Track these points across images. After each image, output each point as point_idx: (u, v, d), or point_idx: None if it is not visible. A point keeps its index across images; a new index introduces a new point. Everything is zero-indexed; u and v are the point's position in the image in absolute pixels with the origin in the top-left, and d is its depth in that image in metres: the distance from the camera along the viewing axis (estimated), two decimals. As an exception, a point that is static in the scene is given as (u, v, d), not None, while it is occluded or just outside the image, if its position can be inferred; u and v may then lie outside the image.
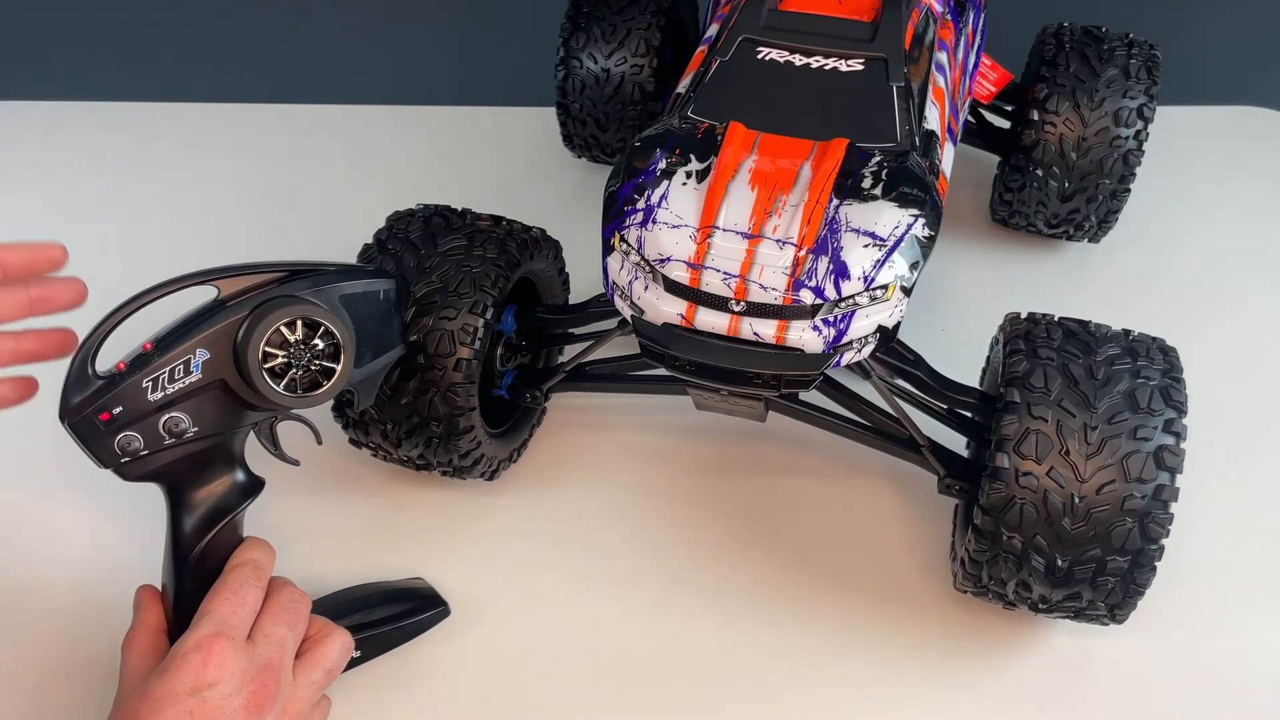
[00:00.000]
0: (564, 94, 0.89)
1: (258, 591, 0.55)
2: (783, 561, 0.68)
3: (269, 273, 0.55)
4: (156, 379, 0.51)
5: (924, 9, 0.68)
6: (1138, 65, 0.80)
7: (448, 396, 0.62)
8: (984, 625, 0.65)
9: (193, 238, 0.93)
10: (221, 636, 0.51)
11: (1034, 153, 0.81)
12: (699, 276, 0.57)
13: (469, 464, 0.67)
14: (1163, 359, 0.58)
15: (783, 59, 0.64)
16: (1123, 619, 0.58)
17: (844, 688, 0.62)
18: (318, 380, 0.55)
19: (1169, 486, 0.54)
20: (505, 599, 0.66)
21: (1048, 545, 0.55)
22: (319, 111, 1.08)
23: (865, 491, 0.72)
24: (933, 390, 0.65)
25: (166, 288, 0.52)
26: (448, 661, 0.63)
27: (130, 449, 0.52)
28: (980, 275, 0.88)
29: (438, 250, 0.64)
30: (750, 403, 0.64)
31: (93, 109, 1.08)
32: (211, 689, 0.50)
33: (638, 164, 0.61)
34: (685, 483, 0.73)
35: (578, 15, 0.88)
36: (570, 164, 0.99)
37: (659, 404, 0.76)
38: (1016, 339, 0.60)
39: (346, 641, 0.57)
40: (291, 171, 1.01)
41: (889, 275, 0.56)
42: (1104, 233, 0.86)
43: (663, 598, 0.67)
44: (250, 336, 0.52)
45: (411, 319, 0.62)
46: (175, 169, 1.01)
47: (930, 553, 0.69)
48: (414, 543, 0.70)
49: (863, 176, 0.58)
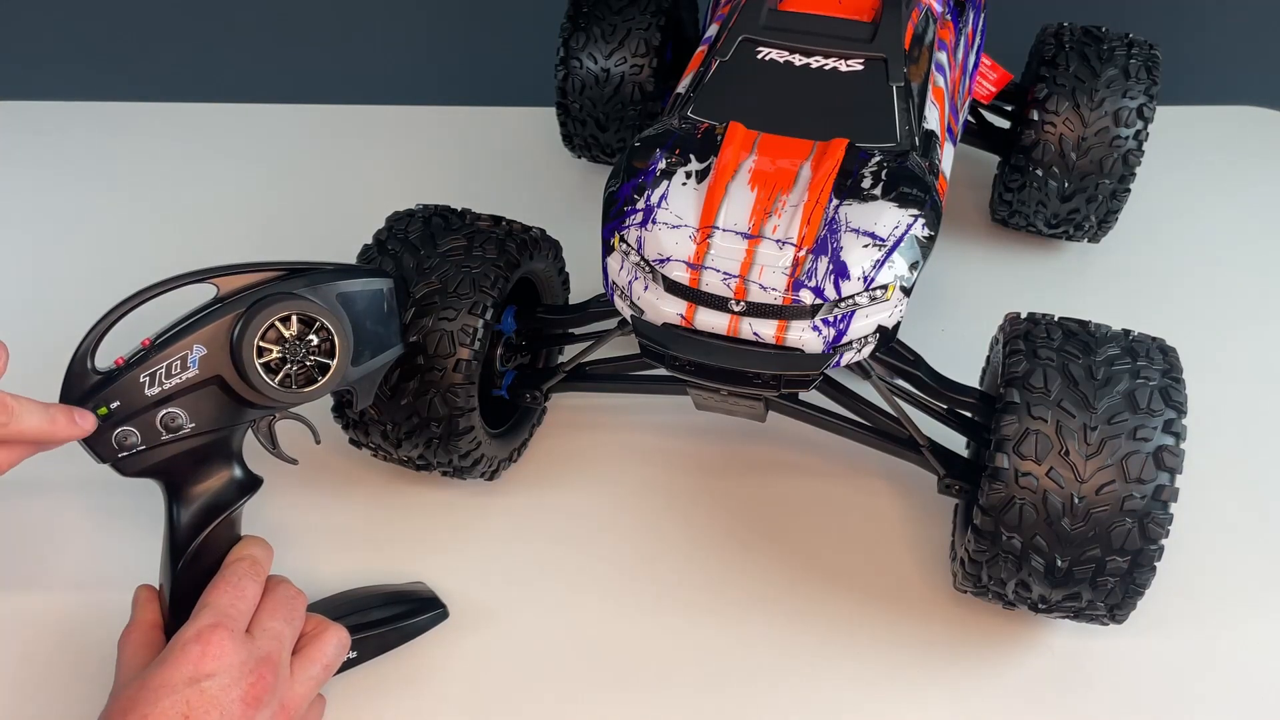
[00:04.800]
0: (564, 94, 0.89)
1: (256, 586, 0.55)
2: (782, 561, 0.68)
3: (267, 271, 0.55)
4: (154, 374, 0.52)
5: (924, 9, 0.67)
6: (1138, 65, 0.80)
7: (448, 397, 0.62)
8: (984, 625, 0.65)
9: (192, 237, 0.93)
10: (221, 628, 0.51)
11: (1034, 153, 0.81)
12: (699, 276, 0.56)
13: (469, 464, 0.67)
14: (1163, 359, 0.58)
15: (782, 59, 0.64)
16: (1122, 619, 0.58)
17: (844, 687, 0.62)
18: (313, 376, 0.55)
19: (1169, 487, 0.54)
20: (505, 598, 0.66)
21: (1047, 545, 0.55)
22: (319, 111, 1.08)
23: (865, 491, 0.72)
24: (933, 390, 0.65)
25: (165, 285, 0.53)
26: (447, 661, 0.63)
27: (127, 444, 0.52)
28: (980, 275, 0.88)
29: (437, 251, 0.64)
30: (750, 403, 0.64)
31: (93, 109, 1.08)
32: (210, 680, 0.50)
33: (637, 164, 0.61)
34: (685, 483, 0.73)
35: (578, 15, 0.88)
36: (570, 164, 0.99)
37: (659, 404, 0.76)
38: (1016, 339, 0.60)
39: (343, 638, 0.57)
40: (291, 171, 1.01)
41: (889, 275, 0.56)
42: (1104, 233, 0.86)
43: (662, 597, 0.67)
44: (246, 332, 0.53)
45: (411, 319, 0.62)
46: (175, 169, 1.01)
47: (930, 553, 0.69)
48: (413, 543, 0.70)
49: (862, 176, 0.58)
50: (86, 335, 0.52)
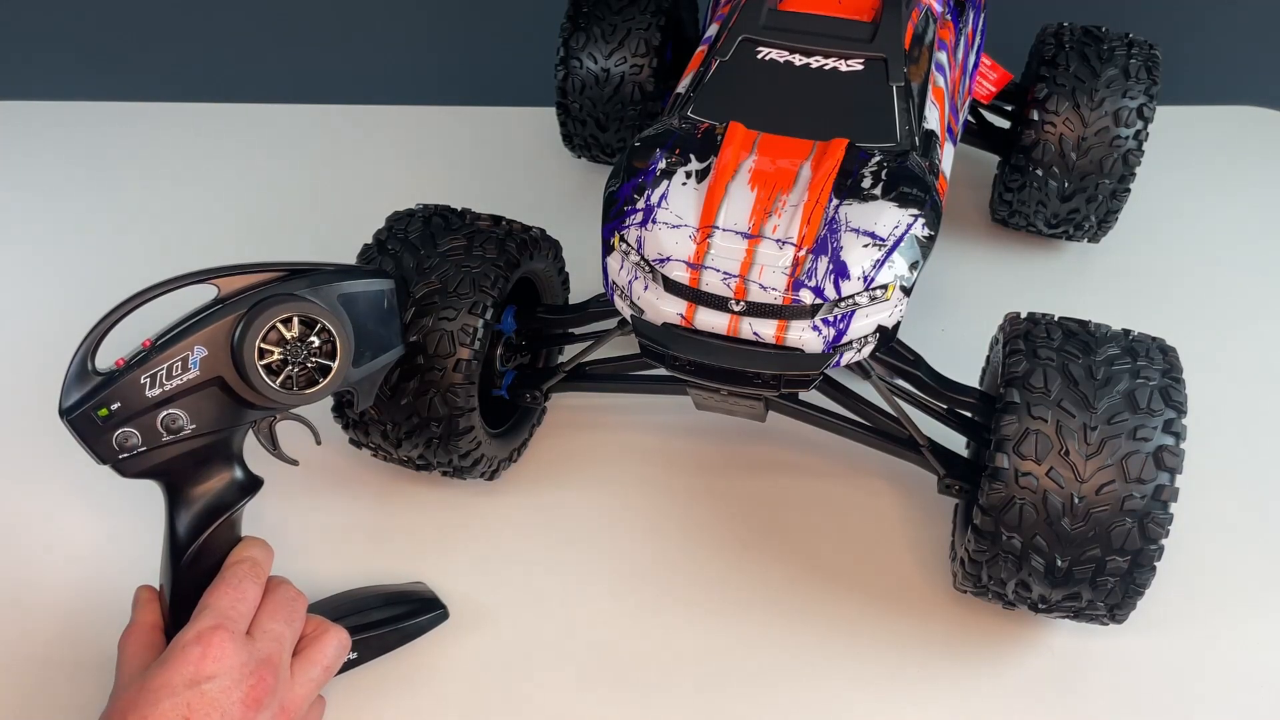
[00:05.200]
0: (564, 94, 0.89)
1: (257, 588, 0.55)
2: (783, 561, 0.68)
3: (268, 272, 0.55)
4: (154, 375, 0.52)
5: (924, 9, 0.67)
6: (1138, 65, 0.80)
7: (448, 397, 0.62)
8: (984, 625, 0.65)
9: (193, 237, 0.93)
10: (222, 629, 0.51)
11: (1034, 153, 0.80)
12: (699, 276, 0.56)
13: (469, 464, 0.67)
14: (1162, 359, 0.58)
15: (782, 59, 0.64)
16: (1122, 619, 0.58)
17: (844, 687, 0.62)
18: (314, 378, 0.55)
19: (1169, 487, 0.54)
20: (505, 598, 0.66)
21: (1047, 545, 0.55)
22: (319, 111, 1.08)
23: (865, 491, 0.72)
24: (933, 390, 0.65)
25: (166, 286, 0.53)
26: (447, 662, 0.63)
27: (128, 445, 0.52)
28: (980, 275, 0.88)
29: (437, 250, 0.64)
30: (750, 403, 0.64)
31: (93, 109, 1.08)
32: (210, 681, 0.50)
33: (637, 164, 0.61)
34: (685, 483, 0.73)
35: (578, 15, 0.88)
36: (570, 164, 0.99)
37: (659, 404, 0.76)
38: (1016, 339, 0.60)
39: (343, 640, 0.57)
40: (291, 171, 1.01)
41: (889, 275, 0.56)
42: (1104, 233, 0.86)
43: (662, 597, 0.67)
44: (247, 333, 0.52)
45: (411, 319, 0.62)
46: (175, 169, 1.01)
47: (930, 553, 0.69)
48: (414, 543, 0.70)
49: (862, 176, 0.58)
50: (87, 336, 0.52)
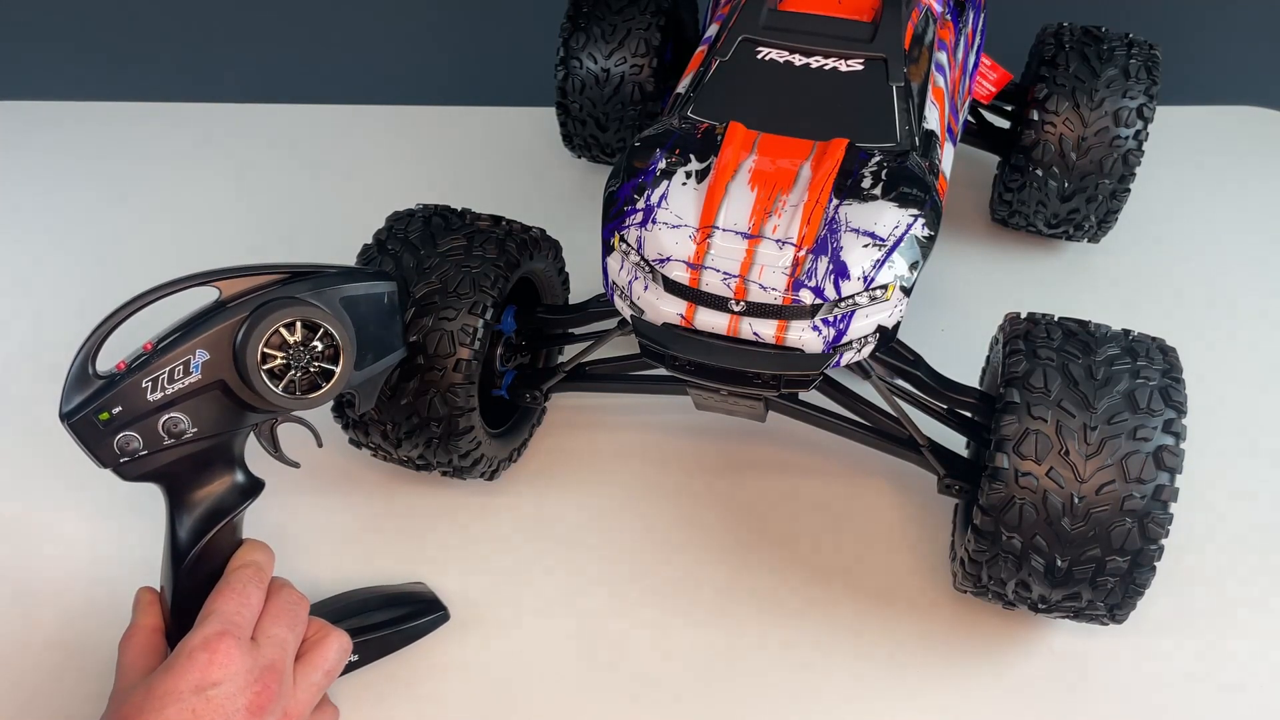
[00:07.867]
0: (564, 94, 0.89)
1: (260, 592, 0.55)
2: (783, 561, 0.68)
3: (270, 274, 0.55)
4: (156, 379, 0.51)
5: (924, 9, 0.67)
6: (1138, 65, 0.80)
7: (447, 397, 0.62)
8: (984, 625, 0.65)
9: (193, 238, 0.93)
10: (227, 635, 0.51)
11: (1034, 153, 0.81)
12: (699, 276, 0.57)
13: (469, 464, 0.67)
14: (1162, 359, 0.58)
15: (782, 59, 0.64)
16: (1122, 619, 0.58)
17: (844, 687, 0.62)
18: (317, 382, 0.55)
19: (1168, 487, 0.54)
20: (505, 599, 0.66)
21: (1047, 545, 0.55)
22: (319, 111, 1.08)
23: (865, 491, 0.72)
24: (932, 390, 0.65)
25: (167, 288, 0.52)
26: (448, 662, 0.63)
27: (129, 449, 0.52)
28: (980, 275, 0.88)
29: (437, 251, 0.64)
30: (750, 403, 0.64)
31: (93, 109, 1.08)
32: (216, 688, 0.50)
33: (637, 164, 0.61)
34: (685, 483, 0.73)
35: (578, 15, 0.88)
36: (570, 164, 0.99)
37: (659, 404, 0.76)
38: (1016, 339, 0.60)
39: (344, 643, 0.57)
40: (291, 171, 1.01)
41: (889, 275, 0.56)
42: (1104, 233, 0.86)
43: (663, 598, 0.67)
44: (249, 337, 0.52)
45: (411, 319, 0.62)
46: (175, 169, 1.01)
47: (930, 553, 0.69)
48: (414, 543, 0.70)
49: (862, 176, 0.58)
50: (88, 339, 0.52)
